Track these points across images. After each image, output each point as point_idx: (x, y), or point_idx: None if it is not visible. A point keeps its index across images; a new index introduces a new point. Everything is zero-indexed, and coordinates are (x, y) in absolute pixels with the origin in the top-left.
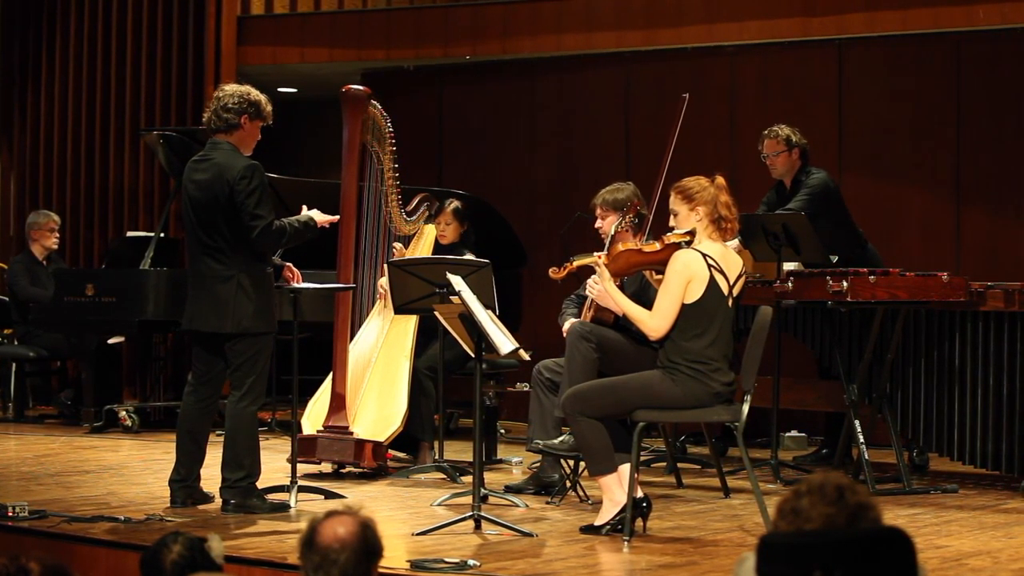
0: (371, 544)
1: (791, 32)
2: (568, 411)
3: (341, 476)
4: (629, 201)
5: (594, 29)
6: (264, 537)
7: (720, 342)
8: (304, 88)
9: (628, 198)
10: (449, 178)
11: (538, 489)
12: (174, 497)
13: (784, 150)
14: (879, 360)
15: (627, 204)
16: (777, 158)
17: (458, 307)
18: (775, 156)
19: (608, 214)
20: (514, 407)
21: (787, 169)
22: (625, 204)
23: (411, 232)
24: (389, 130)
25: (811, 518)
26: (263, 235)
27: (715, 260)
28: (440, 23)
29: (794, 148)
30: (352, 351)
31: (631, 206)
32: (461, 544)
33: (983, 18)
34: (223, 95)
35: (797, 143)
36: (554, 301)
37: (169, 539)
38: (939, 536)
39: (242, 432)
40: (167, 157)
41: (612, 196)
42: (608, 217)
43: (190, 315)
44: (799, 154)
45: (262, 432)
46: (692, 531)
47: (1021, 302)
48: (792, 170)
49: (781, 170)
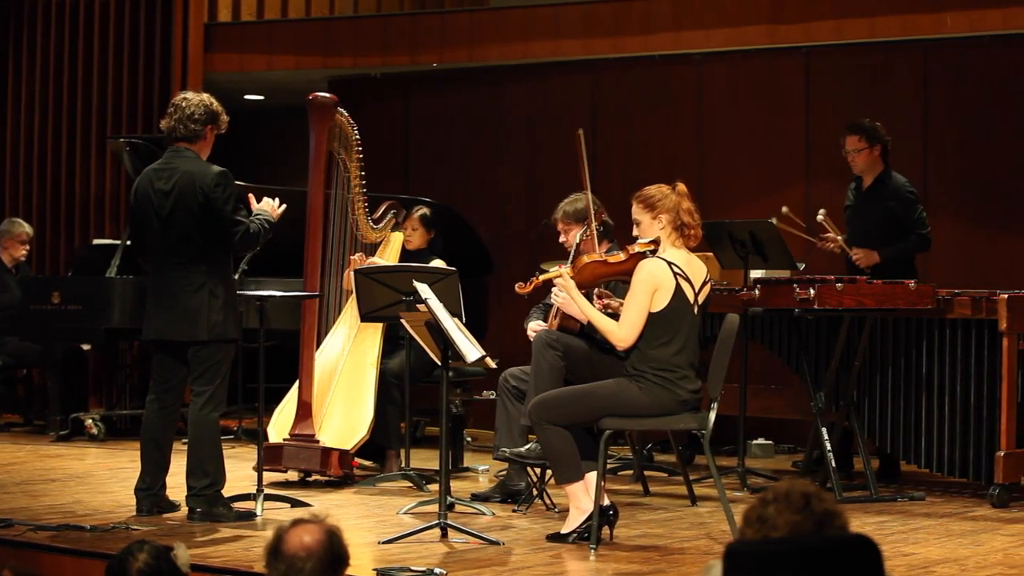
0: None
1: (758, 40)
2: (534, 419)
3: (307, 484)
4: (588, 210)
5: (561, 37)
6: (230, 545)
7: (686, 350)
8: (271, 95)
9: (587, 207)
10: (416, 186)
11: (504, 497)
12: (140, 506)
13: (865, 147)
14: (846, 367)
15: (587, 214)
16: (858, 155)
17: (424, 315)
18: (856, 153)
19: (570, 227)
20: (480, 415)
21: (867, 166)
22: (584, 214)
23: (378, 240)
24: (356, 138)
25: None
26: (244, 240)
27: (680, 268)
28: (407, 31)
29: (876, 145)
30: (318, 359)
31: (595, 214)
32: (427, 552)
33: (951, 26)
34: (188, 104)
35: (879, 139)
36: (521, 309)
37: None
38: (906, 544)
39: (206, 439)
40: (133, 164)
41: (571, 207)
42: (571, 230)
43: (157, 325)
44: (880, 151)
45: (228, 440)
46: (659, 539)
47: (988, 310)
48: (873, 168)
49: (861, 166)
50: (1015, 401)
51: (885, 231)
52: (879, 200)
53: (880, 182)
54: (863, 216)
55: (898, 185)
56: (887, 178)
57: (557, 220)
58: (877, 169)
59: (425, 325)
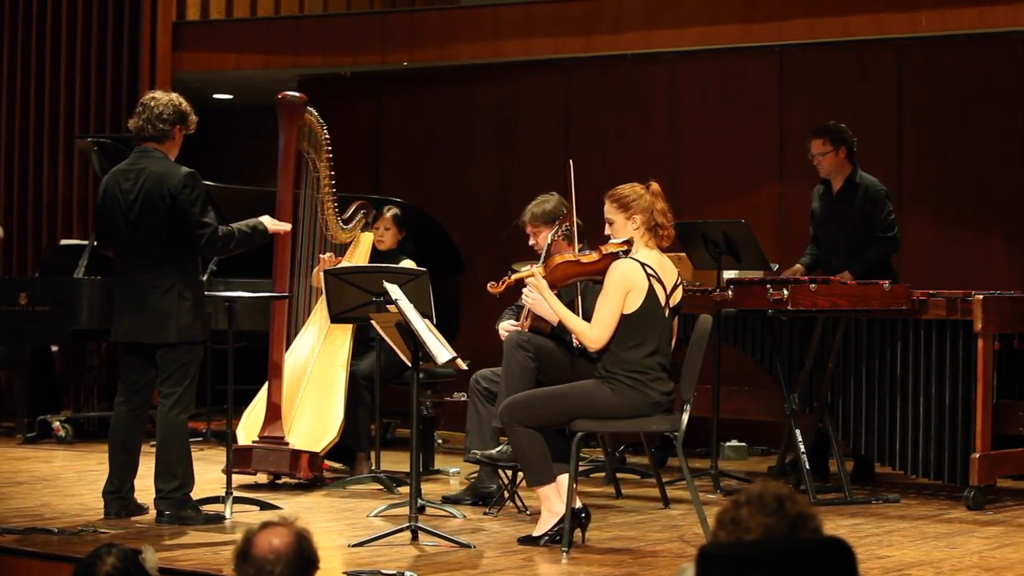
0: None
1: (731, 38)
2: (506, 421)
3: (277, 487)
4: (557, 211)
5: (533, 36)
6: (199, 549)
7: (659, 352)
8: (240, 95)
9: (556, 208)
10: (386, 186)
11: (476, 500)
12: (108, 508)
13: (831, 150)
14: (820, 369)
15: (556, 214)
16: (824, 158)
17: (395, 316)
18: (822, 156)
19: (539, 229)
20: (451, 417)
21: (834, 168)
22: (554, 215)
23: (347, 240)
24: (325, 137)
25: (750, 528)
26: (211, 241)
27: (653, 269)
28: (377, 29)
29: (841, 147)
30: (288, 360)
31: (565, 215)
32: (398, 555)
33: (925, 25)
34: (156, 104)
35: (845, 141)
36: (492, 310)
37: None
38: (881, 546)
39: (174, 441)
40: (101, 164)
41: (539, 209)
42: (540, 232)
43: (126, 327)
44: (847, 153)
45: (197, 443)
46: (631, 542)
47: (963, 310)
48: (841, 170)
49: (828, 169)
50: (990, 402)
51: (856, 236)
52: (851, 202)
53: (851, 184)
54: (834, 221)
55: (869, 184)
56: (857, 178)
57: (526, 223)
58: (845, 171)
59: (395, 326)
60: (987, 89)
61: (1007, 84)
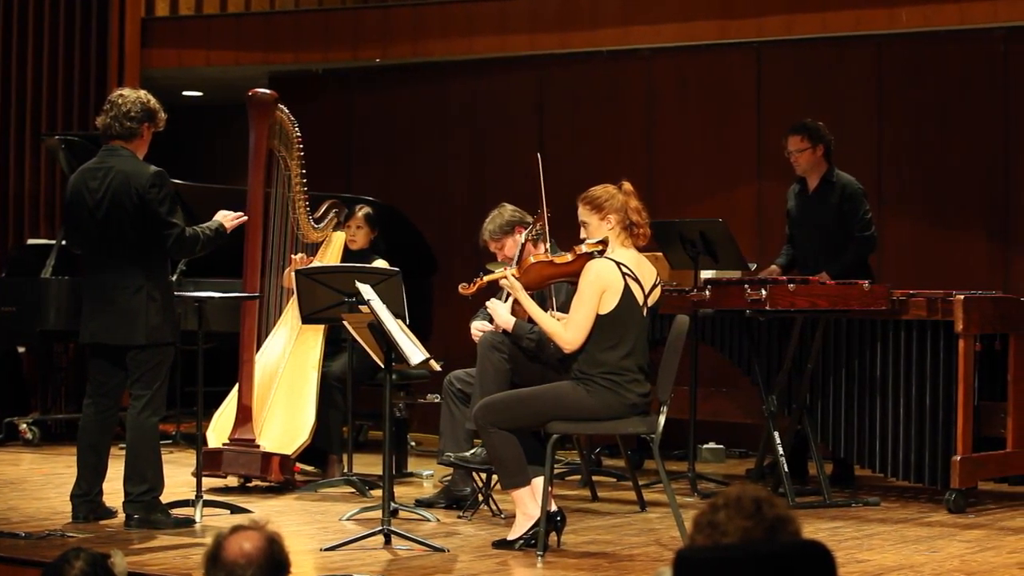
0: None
1: (708, 35)
2: (480, 422)
3: (247, 490)
4: (514, 217)
5: (507, 32)
6: (168, 553)
7: (635, 353)
8: (210, 92)
9: (511, 216)
10: (359, 184)
11: (449, 503)
12: (76, 512)
13: (808, 147)
14: (799, 370)
15: (515, 221)
16: (801, 155)
17: (367, 316)
18: (799, 153)
19: (502, 241)
20: (425, 419)
21: (810, 166)
22: (511, 222)
23: (319, 239)
24: (297, 135)
25: (728, 532)
26: (178, 243)
27: (629, 268)
28: (349, 25)
29: (819, 144)
30: (259, 362)
31: (534, 219)
32: (371, 560)
33: (905, 20)
34: (124, 101)
35: (823, 138)
36: (466, 310)
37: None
38: (860, 550)
39: (144, 444)
40: (68, 163)
41: (493, 224)
42: (504, 243)
43: (94, 329)
44: (824, 151)
45: (166, 445)
46: (607, 546)
47: (944, 311)
48: (817, 168)
49: (805, 167)
50: (971, 404)
51: (833, 236)
52: (827, 201)
53: (827, 182)
54: (810, 220)
55: (845, 183)
56: (833, 177)
57: (486, 241)
58: (821, 169)
59: (368, 327)
60: (968, 86)
61: (988, 81)
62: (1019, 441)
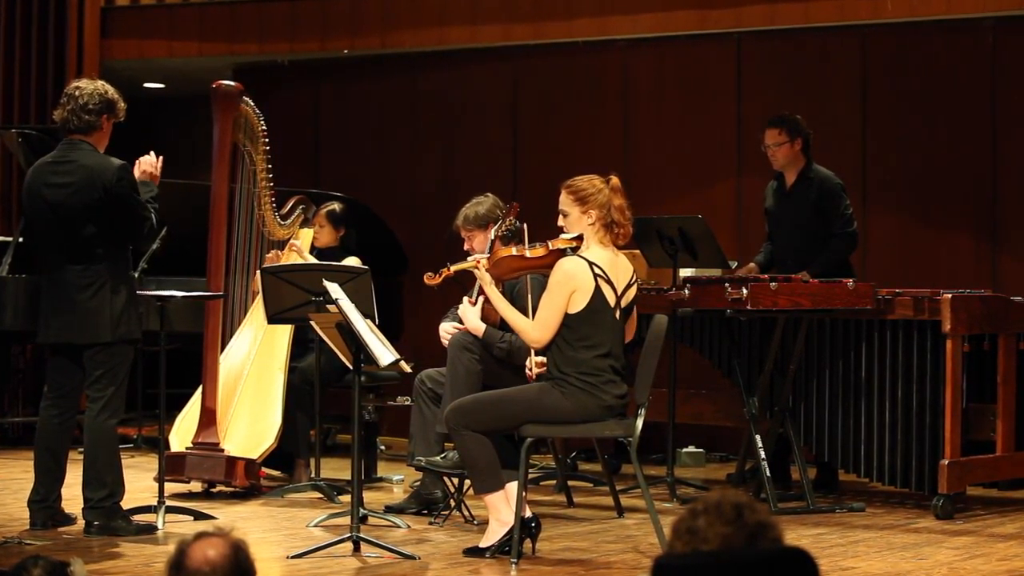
0: (243, 567)
1: (687, 25)
2: (452, 425)
3: (212, 495)
4: (492, 213)
5: (479, 22)
6: (130, 561)
7: (611, 354)
8: (172, 84)
9: (490, 210)
10: (326, 179)
11: (420, 508)
12: (33, 519)
13: (786, 141)
14: (781, 371)
15: (491, 217)
16: (779, 149)
17: (335, 316)
18: (776, 147)
19: (473, 233)
20: (395, 422)
21: (788, 161)
22: (488, 218)
23: (285, 237)
24: (262, 128)
25: (708, 538)
26: (151, 232)
27: (602, 269)
28: (317, 15)
29: (797, 138)
30: (223, 363)
31: (509, 209)
32: (339, 567)
33: (891, 10)
34: (81, 94)
35: (801, 132)
36: (437, 310)
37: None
38: (845, 557)
39: (103, 448)
40: (26, 157)
41: (473, 211)
42: (475, 236)
43: (56, 327)
44: (802, 145)
45: (127, 449)
46: (583, 553)
47: (931, 310)
48: (794, 163)
49: (782, 161)
50: (960, 407)
51: (813, 233)
52: (805, 197)
53: (804, 178)
54: (788, 217)
55: (824, 177)
56: (811, 173)
57: (459, 226)
58: (799, 164)
59: (336, 327)
60: (954, 78)
61: (976, 73)
62: (1008, 445)
